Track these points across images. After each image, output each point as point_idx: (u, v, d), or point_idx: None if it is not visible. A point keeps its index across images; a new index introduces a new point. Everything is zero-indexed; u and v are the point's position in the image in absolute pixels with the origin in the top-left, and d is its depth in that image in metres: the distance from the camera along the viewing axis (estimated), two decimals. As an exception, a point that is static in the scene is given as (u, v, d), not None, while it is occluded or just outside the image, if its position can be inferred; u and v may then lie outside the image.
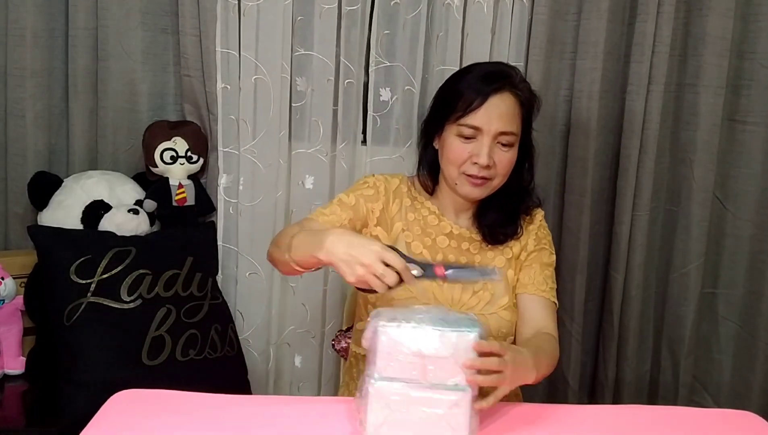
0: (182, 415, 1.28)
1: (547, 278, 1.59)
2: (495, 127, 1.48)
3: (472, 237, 1.60)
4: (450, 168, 1.53)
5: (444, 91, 1.58)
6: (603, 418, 1.37)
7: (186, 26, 2.06)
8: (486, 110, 1.47)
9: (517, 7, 2.12)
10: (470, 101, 1.48)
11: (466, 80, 1.52)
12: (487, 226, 1.59)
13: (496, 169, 1.50)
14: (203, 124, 2.15)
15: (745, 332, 2.27)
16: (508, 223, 1.59)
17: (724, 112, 2.18)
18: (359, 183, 1.62)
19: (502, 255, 1.60)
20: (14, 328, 1.99)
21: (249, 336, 2.23)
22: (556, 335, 1.54)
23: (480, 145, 1.48)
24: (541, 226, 1.64)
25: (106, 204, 2.01)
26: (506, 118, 1.49)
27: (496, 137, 1.49)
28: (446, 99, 1.54)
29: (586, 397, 2.36)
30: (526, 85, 1.56)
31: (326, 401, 1.52)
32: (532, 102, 1.56)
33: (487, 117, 1.47)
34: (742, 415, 1.40)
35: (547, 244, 1.63)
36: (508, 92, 1.50)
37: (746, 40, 2.15)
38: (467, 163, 1.50)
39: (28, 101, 2.06)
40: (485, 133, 1.48)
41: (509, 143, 1.51)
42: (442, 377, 1.16)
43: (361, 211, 1.56)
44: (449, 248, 1.59)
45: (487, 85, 1.49)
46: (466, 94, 1.49)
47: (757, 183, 2.20)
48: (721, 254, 2.28)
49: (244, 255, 2.19)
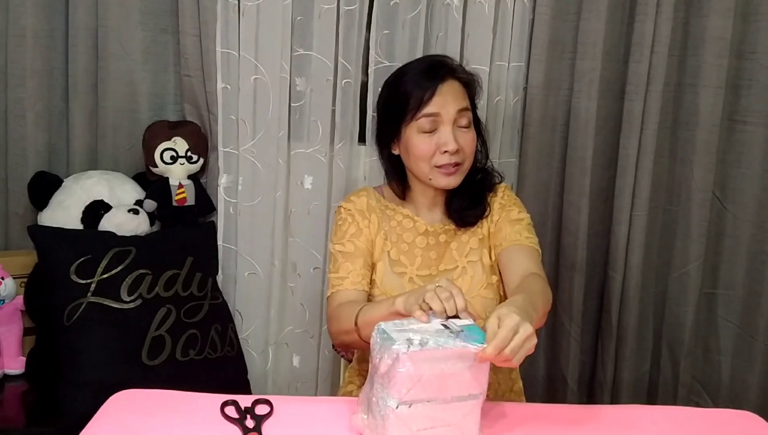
0: (182, 415, 1.28)
1: (521, 230, 1.59)
2: (452, 108, 1.53)
3: (446, 227, 1.63)
4: (420, 165, 1.55)
5: (389, 98, 1.61)
6: (602, 418, 1.37)
7: (186, 26, 2.06)
8: (440, 97, 1.52)
9: (518, 7, 2.13)
10: (421, 96, 1.52)
11: (408, 80, 1.57)
12: (456, 211, 1.62)
13: (464, 152, 1.55)
14: (203, 124, 2.15)
15: (744, 333, 2.27)
16: (476, 204, 1.63)
17: (724, 112, 2.17)
18: (338, 224, 1.64)
19: (474, 236, 1.63)
20: (14, 328, 2.00)
21: (248, 336, 2.23)
22: (542, 273, 1.52)
23: (443, 133, 1.52)
24: (504, 195, 1.66)
25: (106, 204, 2.02)
26: (459, 98, 1.55)
27: (455, 121, 1.53)
28: (394, 103, 1.57)
29: (585, 397, 2.36)
30: (462, 67, 1.62)
31: (326, 401, 1.53)
32: (472, 81, 1.61)
33: (443, 102, 1.52)
34: (741, 415, 1.41)
35: (512, 205, 1.64)
36: (451, 78, 1.55)
37: (746, 39, 2.15)
38: (436, 154, 1.53)
39: (29, 101, 2.06)
40: (444, 118, 1.52)
41: (467, 123, 1.56)
42: (459, 390, 1.15)
43: (362, 249, 1.59)
44: (428, 246, 1.62)
45: (432, 77, 1.54)
46: (415, 91, 1.53)
47: (757, 183, 2.20)
48: (720, 254, 2.28)
49: (243, 255, 2.19)
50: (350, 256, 1.58)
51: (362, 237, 1.60)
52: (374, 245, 1.62)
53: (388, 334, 1.13)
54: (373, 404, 1.16)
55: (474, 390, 1.16)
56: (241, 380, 2.10)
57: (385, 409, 1.13)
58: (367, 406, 1.18)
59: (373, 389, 1.16)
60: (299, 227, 2.21)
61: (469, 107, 1.57)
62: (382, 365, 1.12)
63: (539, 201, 2.22)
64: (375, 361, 1.14)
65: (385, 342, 1.13)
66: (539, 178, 2.22)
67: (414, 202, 1.65)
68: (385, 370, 1.12)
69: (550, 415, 1.37)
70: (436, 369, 1.11)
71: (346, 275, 1.56)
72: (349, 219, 1.62)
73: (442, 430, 1.15)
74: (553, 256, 2.25)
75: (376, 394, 1.15)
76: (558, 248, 2.26)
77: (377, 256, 1.61)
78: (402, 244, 1.62)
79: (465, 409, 1.16)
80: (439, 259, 1.61)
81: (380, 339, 1.14)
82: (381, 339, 1.14)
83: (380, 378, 1.14)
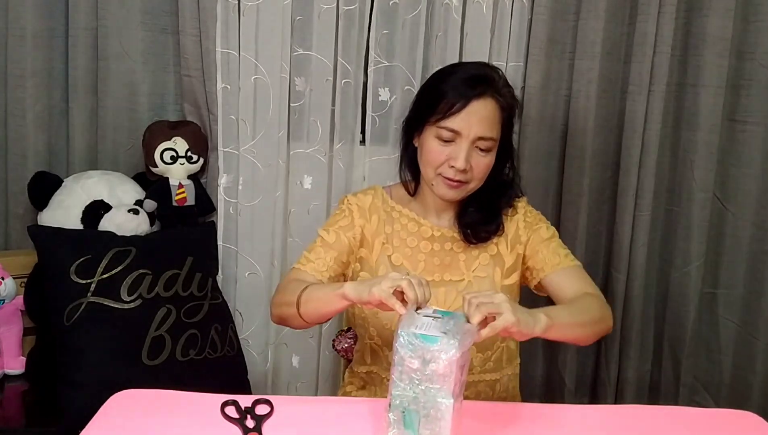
0: (182, 415, 1.28)
1: (556, 249, 1.57)
2: (474, 132, 1.46)
3: (455, 236, 1.59)
4: (427, 169, 1.52)
5: (427, 90, 1.56)
6: (603, 418, 1.37)
7: (186, 26, 2.06)
8: (467, 114, 1.45)
9: (516, 6, 2.13)
10: (451, 104, 1.45)
11: (451, 81, 1.50)
12: (468, 225, 1.58)
13: (472, 174, 1.49)
14: (203, 124, 2.15)
15: (745, 332, 2.27)
16: (490, 220, 1.58)
17: (725, 112, 2.18)
18: (335, 213, 1.63)
19: (486, 252, 1.59)
20: (14, 328, 2.00)
21: (248, 336, 2.23)
22: (594, 290, 1.51)
23: (458, 149, 1.46)
24: (526, 212, 1.63)
25: (106, 204, 2.01)
26: (486, 123, 1.47)
27: (474, 142, 1.47)
28: (429, 98, 1.52)
29: (587, 397, 2.36)
30: (509, 90, 1.54)
31: (327, 401, 1.53)
32: (513, 107, 1.54)
33: (467, 122, 1.45)
34: (743, 415, 1.40)
35: (539, 222, 1.62)
36: (490, 97, 1.48)
37: (746, 40, 2.15)
38: (444, 165, 1.48)
39: (29, 101, 2.06)
40: (464, 137, 1.46)
41: (487, 148, 1.49)
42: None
43: (344, 243, 1.57)
44: (432, 252, 1.58)
45: (470, 90, 1.46)
46: (449, 96, 1.47)
47: (757, 183, 2.20)
48: (721, 254, 2.28)
49: (243, 255, 2.19)
50: (327, 245, 1.56)
51: (350, 232, 1.57)
52: (371, 246, 1.58)
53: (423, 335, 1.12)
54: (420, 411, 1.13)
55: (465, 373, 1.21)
56: (241, 380, 2.09)
57: (440, 408, 1.12)
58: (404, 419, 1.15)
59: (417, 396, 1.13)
60: (298, 227, 2.21)
61: (495, 137, 1.49)
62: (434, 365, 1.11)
63: (538, 201, 2.19)
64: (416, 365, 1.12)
65: (427, 342, 1.11)
66: (537, 178, 2.22)
67: (423, 203, 1.61)
68: (440, 370, 1.11)
69: (550, 415, 1.37)
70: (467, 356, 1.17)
71: (313, 260, 1.54)
72: (347, 211, 1.60)
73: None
74: (553, 257, 2.25)
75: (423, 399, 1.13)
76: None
77: (374, 259, 1.58)
78: (405, 248, 1.58)
79: None
80: (443, 266, 1.58)
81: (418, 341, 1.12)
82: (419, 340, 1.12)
83: (428, 379, 1.12)
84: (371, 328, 1.58)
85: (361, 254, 1.59)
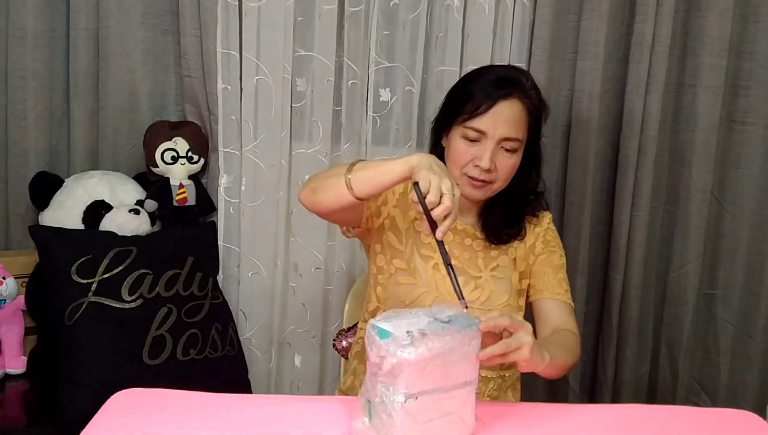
0: (182, 415, 1.28)
1: (561, 281, 1.60)
2: (500, 132, 1.49)
3: (476, 234, 1.61)
4: (452, 168, 1.53)
5: (456, 90, 1.60)
6: (602, 418, 1.37)
7: (186, 26, 2.06)
8: (492, 115, 1.48)
9: (518, 7, 2.13)
10: (478, 105, 1.49)
11: (478, 83, 1.53)
12: (491, 226, 1.60)
13: (497, 174, 1.52)
14: (204, 124, 2.16)
15: (742, 333, 2.27)
16: (513, 224, 1.61)
17: (723, 112, 2.18)
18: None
19: (506, 255, 1.61)
20: (15, 328, 2.00)
21: (252, 336, 2.23)
22: (576, 332, 1.55)
23: (483, 149, 1.49)
24: (548, 229, 1.65)
25: (107, 204, 2.02)
26: (512, 124, 1.50)
27: (499, 142, 1.49)
28: (457, 99, 1.55)
29: (586, 397, 2.36)
30: (537, 92, 1.56)
31: (327, 401, 1.53)
32: (540, 109, 1.56)
33: (493, 122, 1.48)
34: (741, 415, 1.40)
35: (556, 247, 1.64)
36: (516, 99, 1.50)
37: (745, 40, 2.16)
38: (469, 165, 1.51)
39: (29, 102, 2.06)
40: (489, 137, 1.49)
41: (513, 149, 1.51)
42: (458, 378, 1.16)
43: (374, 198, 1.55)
44: (453, 243, 1.59)
45: (497, 90, 1.49)
46: (476, 96, 1.50)
47: (756, 184, 2.20)
48: (719, 255, 2.28)
49: (246, 255, 2.20)
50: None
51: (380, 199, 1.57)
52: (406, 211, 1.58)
53: (385, 330, 1.12)
54: (376, 405, 1.15)
55: (469, 377, 1.18)
56: (241, 380, 2.10)
57: (392, 405, 1.12)
58: (368, 410, 1.17)
59: (376, 389, 1.14)
60: (300, 227, 2.22)
61: (521, 138, 1.51)
62: (386, 362, 1.11)
63: (540, 201, 2.21)
64: (374, 359, 1.13)
65: (385, 338, 1.11)
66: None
67: None
68: (389, 367, 1.11)
69: (550, 414, 1.37)
70: (438, 358, 1.12)
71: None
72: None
73: (445, 419, 1.16)
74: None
75: (379, 394, 1.14)
76: (560, 249, 2.26)
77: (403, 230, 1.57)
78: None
79: (462, 396, 1.18)
80: (462, 260, 1.58)
81: (378, 336, 1.12)
82: (379, 336, 1.12)
83: (384, 376, 1.12)
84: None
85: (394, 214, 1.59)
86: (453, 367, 1.15)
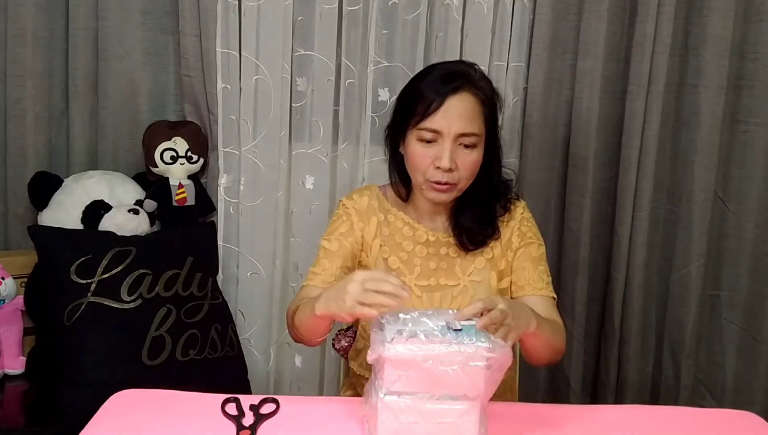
0: (182, 415, 1.28)
1: (542, 274, 1.56)
2: (455, 128, 1.43)
3: (450, 241, 1.57)
4: (414, 174, 1.49)
5: (405, 93, 1.53)
6: (603, 418, 1.37)
7: (186, 26, 2.06)
8: (445, 112, 1.43)
9: (517, 7, 2.12)
10: (428, 103, 1.43)
11: (426, 81, 1.48)
12: (465, 230, 1.55)
13: (459, 173, 1.45)
14: (203, 124, 2.15)
15: (747, 335, 2.26)
16: (486, 225, 1.56)
17: (726, 112, 2.17)
18: (334, 219, 1.60)
19: (482, 256, 1.57)
20: (14, 328, 1.99)
21: (250, 336, 2.23)
22: (561, 323, 1.52)
23: (441, 149, 1.43)
24: (523, 220, 1.59)
25: (107, 204, 2.02)
26: (466, 118, 1.44)
27: (457, 139, 1.44)
28: (407, 102, 1.50)
29: (588, 398, 2.35)
30: (487, 83, 1.50)
31: (327, 401, 1.52)
32: (494, 100, 1.50)
33: (446, 119, 1.43)
34: (743, 416, 1.40)
35: (533, 237, 1.59)
36: (467, 92, 1.45)
37: (747, 40, 2.15)
38: (430, 168, 1.45)
39: (29, 101, 2.07)
40: (445, 135, 1.43)
41: (472, 144, 1.45)
42: (451, 389, 1.15)
43: (347, 249, 1.55)
44: (428, 256, 1.56)
45: (445, 86, 1.43)
46: (425, 95, 1.44)
47: (760, 184, 2.19)
48: (723, 256, 2.26)
49: (245, 255, 2.19)
50: (331, 254, 1.54)
51: (351, 237, 1.56)
52: (369, 249, 1.57)
53: (382, 325, 1.16)
54: (371, 393, 1.19)
55: (469, 392, 1.15)
56: (241, 380, 2.09)
57: (376, 397, 1.17)
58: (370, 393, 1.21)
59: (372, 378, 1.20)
60: (300, 227, 2.21)
61: (478, 132, 1.45)
62: (373, 354, 1.15)
63: (540, 201, 2.21)
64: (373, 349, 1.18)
65: (378, 333, 1.16)
66: (540, 178, 2.21)
67: (416, 207, 1.59)
68: (375, 360, 1.16)
69: (550, 415, 1.37)
70: (424, 363, 1.12)
71: (320, 273, 1.52)
72: (344, 217, 1.58)
73: (434, 427, 1.16)
74: (555, 258, 2.24)
75: (372, 383, 1.20)
76: (560, 249, 2.25)
77: (372, 262, 1.56)
78: (401, 252, 1.56)
79: (461, 410, 1.16)
80: (439, 271, 1.56)
81: (376, 329, 1.17)
82: (377, 329, 1.17)
83: (373, 368, 1.19)
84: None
85: (361, 258, 1.58)
86: (445, 376, 1.13)
